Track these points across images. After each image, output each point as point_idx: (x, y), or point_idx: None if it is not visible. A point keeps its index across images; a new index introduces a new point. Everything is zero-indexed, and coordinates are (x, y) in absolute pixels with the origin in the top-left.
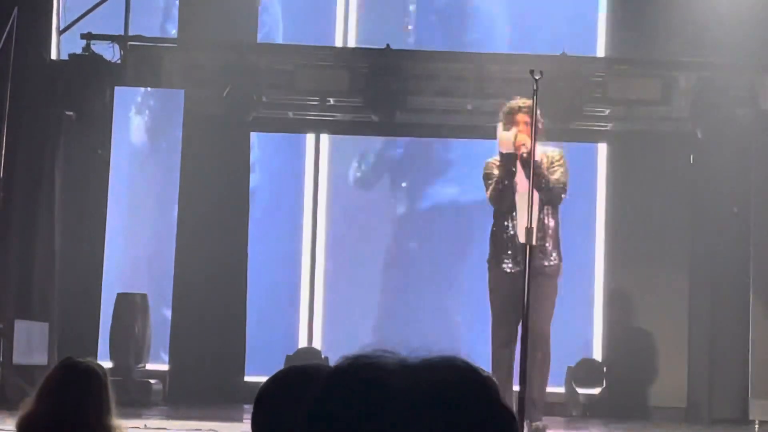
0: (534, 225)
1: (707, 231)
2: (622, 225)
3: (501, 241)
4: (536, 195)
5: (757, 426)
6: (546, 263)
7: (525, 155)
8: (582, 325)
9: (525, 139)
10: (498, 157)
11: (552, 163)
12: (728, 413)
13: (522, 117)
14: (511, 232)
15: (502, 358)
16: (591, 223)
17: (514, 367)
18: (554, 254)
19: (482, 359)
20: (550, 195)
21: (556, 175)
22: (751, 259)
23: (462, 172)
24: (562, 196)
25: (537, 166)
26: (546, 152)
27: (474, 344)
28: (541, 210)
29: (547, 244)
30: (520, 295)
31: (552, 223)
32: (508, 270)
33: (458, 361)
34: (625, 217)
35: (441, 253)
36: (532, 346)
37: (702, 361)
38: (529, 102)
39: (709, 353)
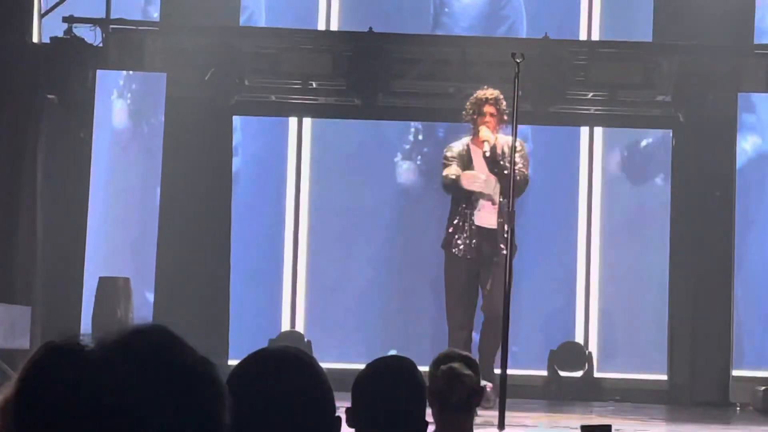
0: (495, 211)
1: (689, 214)
2: (604, 208)
3: (457, 226)
4: (497, 183)
5: (738, 408)
6: (504, 250)
7: (487, 153)
8: (564, 308)
9: (488, 136)
10: (462, 144)
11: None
12: (709, 395)
13: (489, 108)
14: (469, 219)
15: (459, 340)
16: (573, 206)
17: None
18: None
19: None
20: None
21: (518, 166)
22: (733, 243)
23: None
24: (524, 186)
25: (500, 157)
26: (508, 142)
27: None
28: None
29: (505, 232)
30: (475, 279)
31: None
32: (460, 255)
33: (145, 326)
34: (606, 200)
35: (425, 236)
36: (488, 326)
37: (684, 343)
38: (495, 92)
39: (690, 336)
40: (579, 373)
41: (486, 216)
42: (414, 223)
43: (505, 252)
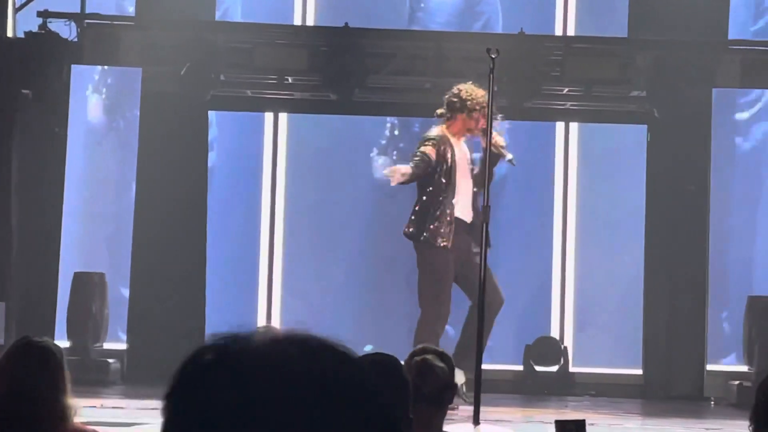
0: (468, 207)
1: (665, 210)
2: (579, 203)
3: (443, 219)
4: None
5: (712, 402)
6: (476, 246)
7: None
8: (539, 303)
9: (501, 140)
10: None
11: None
12: (684, 390)
13: (480, 113)
14: (447, 210)
15: (438, 331)
16: (548, 201)
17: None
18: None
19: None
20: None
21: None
22: (708, 238)
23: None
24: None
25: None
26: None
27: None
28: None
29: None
30: (453, 272)
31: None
32: (448, 246)
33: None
34: (582, 195)
35: (401, 231)
36: (473, 319)
37: (659, 338)
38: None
39: (665, 331)
40: (554, 368)
41: (465, 209)
42: (390, 219)
43: (476, 250)
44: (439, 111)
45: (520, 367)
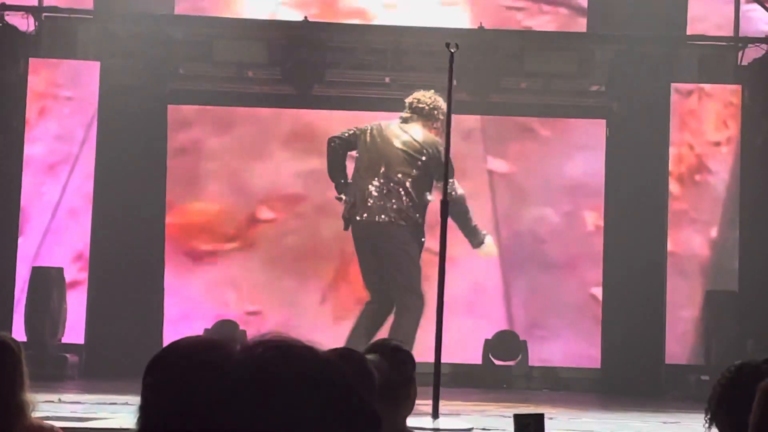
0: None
1: (623, 204)
2: (538, 197)
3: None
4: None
5: (670, 397)
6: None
7: None
8: (499, 296)
9: None
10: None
11: None
12: (643, 384)
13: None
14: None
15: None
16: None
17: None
18: None
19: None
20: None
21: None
22: (666, 233)
23: None
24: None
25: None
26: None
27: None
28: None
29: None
30: None
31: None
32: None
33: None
34: (540, 189)
35: None
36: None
37: (617, 332)
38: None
39: (624, 325)
40: (513, 362)
41: None
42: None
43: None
44: (406, 114)
45: (480, 361)
